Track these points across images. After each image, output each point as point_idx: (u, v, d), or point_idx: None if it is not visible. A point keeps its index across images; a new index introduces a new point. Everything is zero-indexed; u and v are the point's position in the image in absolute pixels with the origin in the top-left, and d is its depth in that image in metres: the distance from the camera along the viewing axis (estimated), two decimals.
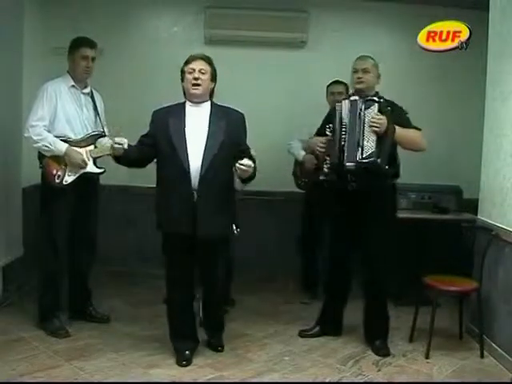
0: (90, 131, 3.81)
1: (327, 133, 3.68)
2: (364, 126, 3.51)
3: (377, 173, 3.52)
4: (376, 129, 3.46)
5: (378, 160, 3.47)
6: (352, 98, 3.63)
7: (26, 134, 3.70)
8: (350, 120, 3.57)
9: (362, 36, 5.03)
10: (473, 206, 4.13)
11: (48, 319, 3.73)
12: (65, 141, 3.68)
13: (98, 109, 3.92)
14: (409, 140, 3.59)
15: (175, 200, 3.29)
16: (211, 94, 3.45)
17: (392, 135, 3.51)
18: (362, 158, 3.49)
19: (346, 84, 4.55)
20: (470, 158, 4.47)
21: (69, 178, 3.69)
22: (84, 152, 3.72)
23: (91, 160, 3.75)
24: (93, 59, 3.82)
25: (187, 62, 3.39)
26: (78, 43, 3.81)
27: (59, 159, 3.68)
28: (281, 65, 4.96)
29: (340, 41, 5.05)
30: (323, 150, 3.69)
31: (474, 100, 4.42)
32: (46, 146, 3.65)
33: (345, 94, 4.57)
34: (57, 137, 3.67)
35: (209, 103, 3.41)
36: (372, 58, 3.70)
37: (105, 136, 3.86)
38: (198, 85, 3.33)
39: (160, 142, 3.34)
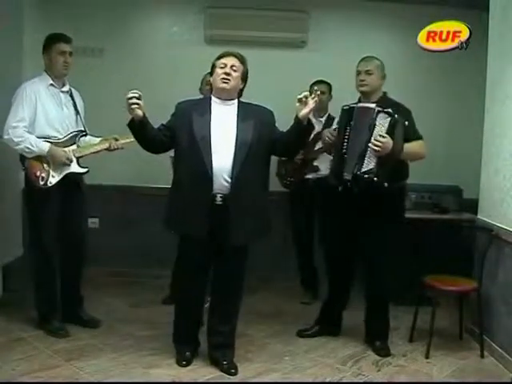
0: (72, 130, 3.71)
1: (333, 132, 3.66)
2: (370, 140, 3.40)
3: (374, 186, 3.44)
4: (376, 153, 3.37)
5: (375, 179, 3.39)
6: (365, 105, 3.54)
7: (5, 137, 3.54)
8: (357, 128, 3.49)
9: (361, 36, 5.02)
10: (473, 205, 4.13)
11: (47, 320, 3.71)
12: (47, 141, 3.56)
13: (78, 107, 3.80)
14: (412, 155, 3.55)
15: (190, 200, 3.13)
16: (239, 94, 3.30)
17: (399, 154, 3.44)
18: (361, 173, 3.41)
19: (329, 84, 4.55)
20: (469, 158, 4.47)
21: (53, 180, 3.59)
22: (67, 151, 3.62)
23: (74, 160, 3.65)
24: (70, 54, 3.68)
25: (220, 57, 3.25)
26: (54, 39, 3.66)
27: (42, 160, 3.58)
28: (281, 65, 4.95)
29: (340, 41, 5.04)
30: (330, 141, 3.66)
31: (474, 100, 4.42)
32: (28, 148, 3.53)
33: (328, 93, 4.57)
34: (38, 137, 3.55)
35: (236, 102, 3.26)
36: (377, 59, 3.64)
37: (86, 135, 3.80)
38: (228, 80, 3.18)
39: (181, 136, 3.17)
